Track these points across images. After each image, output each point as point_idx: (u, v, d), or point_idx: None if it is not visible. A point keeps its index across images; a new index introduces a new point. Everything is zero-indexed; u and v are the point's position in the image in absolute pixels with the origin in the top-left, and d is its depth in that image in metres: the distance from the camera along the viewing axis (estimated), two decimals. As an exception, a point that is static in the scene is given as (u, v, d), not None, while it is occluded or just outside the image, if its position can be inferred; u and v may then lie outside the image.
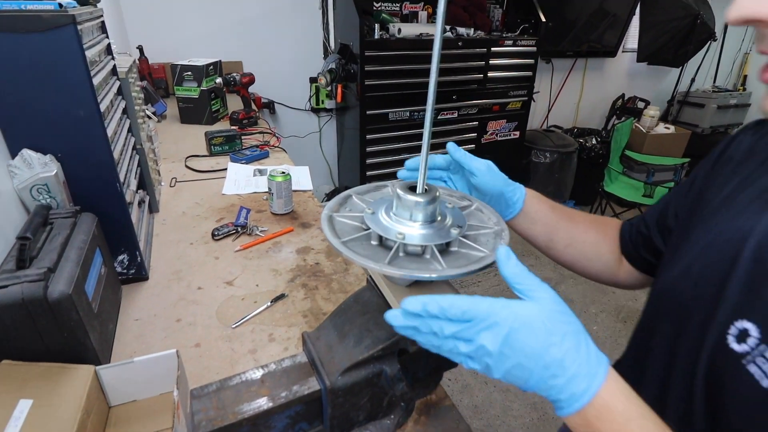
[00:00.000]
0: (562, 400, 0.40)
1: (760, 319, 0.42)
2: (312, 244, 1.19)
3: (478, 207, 0.57)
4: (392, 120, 2.68)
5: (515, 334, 0.39)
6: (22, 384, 0.54)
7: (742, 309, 0.44)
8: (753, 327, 0.42)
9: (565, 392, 0.39)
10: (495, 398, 2.10)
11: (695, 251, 0.52)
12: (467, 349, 0.40)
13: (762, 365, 0.40)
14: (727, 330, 0.44)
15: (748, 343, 0.42)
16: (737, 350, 0.42)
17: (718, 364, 0.45)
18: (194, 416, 0.49)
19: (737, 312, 0.44)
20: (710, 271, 0.48)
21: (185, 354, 0.81)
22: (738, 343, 0.43)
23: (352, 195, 0.58)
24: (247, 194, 1.45)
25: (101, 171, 0.84)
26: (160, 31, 2.53)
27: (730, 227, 0.49)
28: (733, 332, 0.43)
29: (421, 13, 2.89)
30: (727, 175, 0.55)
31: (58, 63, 0.72)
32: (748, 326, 0.42)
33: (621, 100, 4.13)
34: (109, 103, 0.92)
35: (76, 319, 0.62)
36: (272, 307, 0.95)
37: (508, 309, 0.39)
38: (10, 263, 0.62)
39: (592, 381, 0.39)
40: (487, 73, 2.84)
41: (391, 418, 0.58)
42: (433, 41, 0.42)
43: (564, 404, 0.40)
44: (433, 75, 0.43)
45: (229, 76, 2.08)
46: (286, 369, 0.56)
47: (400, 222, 0.48)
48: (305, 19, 2.88)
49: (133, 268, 0.97)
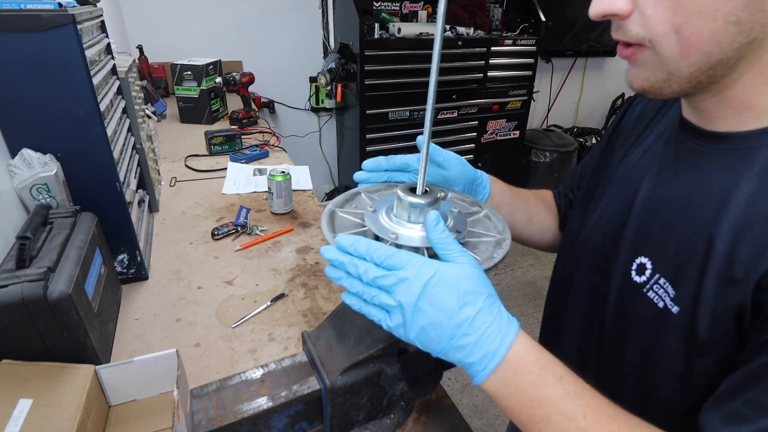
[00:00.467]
0: (476, 362, 0.41)
1: (651, 253, 0.52)
2: (312, 244, 1.19)
3: (487, 214, 0.57)
4: (392, 119, 2.68)
5: (432, 289, 0.41)
6: (22, 383, 0.54)
7: (638, 247, 0.54)
8: (647, 261, 0.52)
9: (477, 352, 0.41)
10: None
11: (601, 206, 0.63)
12: (387, 300, 0.42)
13: (657, 291, 0.50)
14: (631, 266, 0.54)
15: (645, 275, 0.52)
16: (638, 281, 0.52)
17: (625, 295, 0.55)
18: (194, 416, 0.49)
19: (636, 250, 0.54)
20: (613, 220, 0.59)
21: (185, 353, 0.81)
22: (638, 275, 0.53)
23: (361, 192, 0.58)
24: (247, 194, 1.45)
25: (101, 170, 0.83)
26: (159, 31, 2.53)
27: (625, 182, 0.59)
28: (634, 267, 0.53)
29: (421, 13, 2.89)
30: (623, 139, 0.66)
31: (57, 62, 0.72)
32: (644, 260, 0.52)
33: (621, 100, 4.13)
34: (109, 103, 0.92)
35: (76, 319, 0.62)
36: (272, 306, 0.95)
37: (427, 265, 0.41)
38: (9, 263, 0.62)
39: (504, 339, 0.41)
40: (487, 72, 2.84)
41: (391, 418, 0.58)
42: (433, 41, 0.42)
43: (479, 366, 0.41)
44: (433, 74, 0.43)
45: (228, 76, 2.08)
46: (286, 368, 0.56)
47: (400, 223, 0.48)
48: (305, 19, 2.87)
49: (133, 267, 0.97)
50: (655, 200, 0.53)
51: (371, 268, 0.42)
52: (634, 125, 0.65)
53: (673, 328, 0.48)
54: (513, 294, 2.73)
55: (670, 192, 0.52)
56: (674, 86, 0.45)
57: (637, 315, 0.53)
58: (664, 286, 0.49)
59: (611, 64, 4.18)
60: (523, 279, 2.88)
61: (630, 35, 0.44)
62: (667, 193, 0.52)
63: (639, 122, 0.64)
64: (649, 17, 0.42)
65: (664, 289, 0.49)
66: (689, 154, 0.51)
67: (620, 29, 0.45)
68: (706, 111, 0.49)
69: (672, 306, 0.48)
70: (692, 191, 0.49)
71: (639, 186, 0.56)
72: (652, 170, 0.56)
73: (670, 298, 0.48)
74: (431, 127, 0.46)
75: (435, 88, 0.44)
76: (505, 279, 2.85)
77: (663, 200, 0.52)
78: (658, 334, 0.50)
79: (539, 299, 2.71)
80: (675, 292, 0.48)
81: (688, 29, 0.40)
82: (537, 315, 2.58)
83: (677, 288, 0.48)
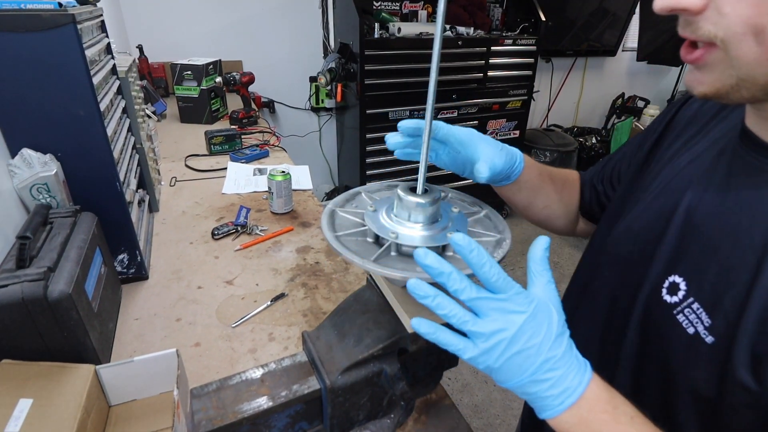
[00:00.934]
0: (553, 396, 0.40)
1: (687, 274, 0.47)
2: (312, 244, 1.19)
3: (487, 214, 0.57)
4: (392, 119, 2.68)
5: (532, 321, 0.40)
6: (22, 383, 0.54)
7: (673, 264, 0.49)
8: (681, 281, 0.48)
9: (558, 387, 0.40)
10: (495, 397, 2.10)
11: (637, 210, 0.58)
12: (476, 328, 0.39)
13: (689, 315, 0.46)
14: (662, 284, 0.50)
15: (678, 296, 0.47)
16: (669, 301, 0.48)
17: (653, 313, 0.51)
18: (194, 415, 0.49)
19: (670, 267, 0.50)
20: (648, 230, 0.54)
21: (185, 353, 0.81)
22: (669, 295, 0.48)
23: (362, 192, 0.58)
24: (247, 193, 1.45)
25: (101, 170, 0.83)
26: (159, 31, 2.53)
27: (666, 189, 0.54)
28: (665, 285, 0.49)
29: (421, 13, 2.89)
30: (671, 140, 0.60)
31: (57, 62, 0.72)
32: (678, 280, 0.48)
33: (621, 99, 4.13)
34: (109, 103, 0.91)
35: (76, 319, 0.62)
36: (272, 306, 0.95)
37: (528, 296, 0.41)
38: (10, 263, 0.62)
39: (582, 376, 0.41)
40: (487, 72, 2.84)
41: (391, 418, 0.58)
42: (433, 40, 0.42)
43: (555, 401, 0.40)
44: (433, 74, 0.43)
45: (228, 76, 2.08)
46: (286, 368, 0.56)
47: (400, 222, 0.48)
48: (305, 19, 2.87)
49: (133, 267, 0.97)
50: (698, 216, 0.48)
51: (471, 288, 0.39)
52: (686, 125, 0.59)
53: (706, 358, 0.44)
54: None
55: (716, 209, 0.47)
56: (744, 93, 0.40)
57: (664, 336, 0.49)
58: (697, 311, 0.45)
59: (611, 63, 4.18)
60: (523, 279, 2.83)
61: (700, 33, 0.40)
62: (713, 210, 0.47)
63: (692, 123, 0.58)
64: (725, 15, 0.37)
65: (697, 315, 0.45)
66: (745, 169, 0.46)
67: (689, 26, 0.41)
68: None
69: (706, 335, 0.44)
70: (742, 212, 0.44)
71: (681, 197, 0.51)
72: (698, 181, 0.50)
73: (704, 326, 0.44)
74: (431, 126, 0.46)
75: (435, 87, 0.44)
76: (505, 279, 2.85)
77: (707, 217, 0.47)
78: (686, 360, 0.46)
79: (539, 299, 2.70)
80: (710, 321, 0.44)
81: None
82: (537, 315, 2.57)
83: (713, 317, 0.44)
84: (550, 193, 0.72)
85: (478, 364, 0.41)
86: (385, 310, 0.54)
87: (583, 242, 3.34)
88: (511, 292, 0.40)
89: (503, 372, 0.41)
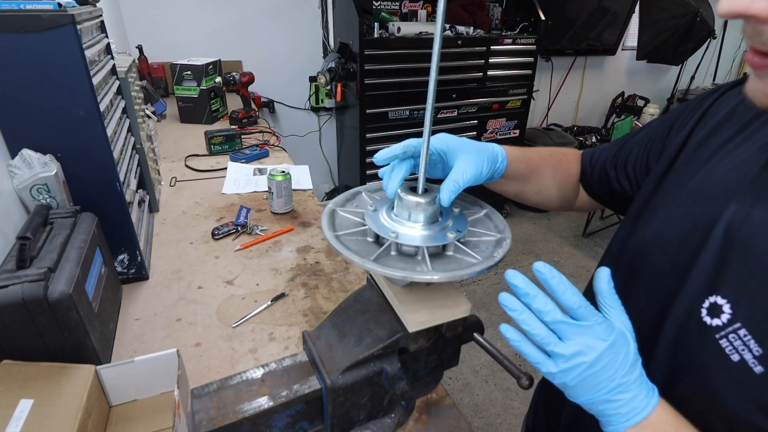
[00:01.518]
0: (622, 414, 0.43)
1: (733, 296, 0.44)
2: (312, 243, 1.19)
3: (487, 213, 0.57)
4: (392, 119, 2.68)
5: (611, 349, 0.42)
6: (23, 384, 0.54)
7: (714, 284, 0.45)
8: (725, 303, 0.44)
9: (627, 406, 0.43)
10: (495, 397, 2.10)
11: (670, 216, 0.53)
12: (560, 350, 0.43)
13: (734, 341, 0.43)
14: (701, 303, 0.46)
15: (721, 319, 0.44)
16: (710, 324, 0.45)
17: (689, 334, 0.47)
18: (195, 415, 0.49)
19: (710, 286, 0.46)
20: (682, 240, 0.50)
21: (185, 353, 0.81)
22: (710, 317, 0.45)
23: (362, 192, 0.58)
24: (247, 193, 1.45)
25: (101, 171, 0.83)
26: (159, 31, 2.53)
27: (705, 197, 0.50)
28: (705, 305, 0.46)
29: (421, 12, 2.88)
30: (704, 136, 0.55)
31: (57, 63, 0.72)
32: (721, 302, 0.44)
33: (621, 98, 4.13)
34: (109, 103, 0.91)
35: (77, 319, 0.62)
36: (272, 306, 0.95)
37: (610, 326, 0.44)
38: (10, 263, 0.62)
39: (650, 400, 0.43)
40: (487, 71, 2.84)
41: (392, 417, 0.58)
42: (433, 40, 0.42)
43: (623, 418, 0.43)
44: (433, 74, 0.43)
45: (228, 76, 2.08)
46: (286, 368, 0.55)
47: (400, 222, 0.48)
48: (305, 18, 2.87)
49: (133, 267, 0.97)
50: (745, 231, 0.44)
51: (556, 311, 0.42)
52: (722, 122, 0.54)
53: (754, 388, 0.41)
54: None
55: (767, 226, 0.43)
56: None
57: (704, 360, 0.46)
58: (744, 338, 0.42)
59: (611, 62, 4.18)
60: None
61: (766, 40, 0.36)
62: (765, 227, 0.43)
63: (730, 121, 0.53)
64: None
65: (744, 342, 0.42)
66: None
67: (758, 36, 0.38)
68: None
69: (755, 365, 0.41)
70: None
71: (724, 209, 0.46)
72: (745, 193, 0.46)
73: (753, 356, 0.41)
74: (431, 126, 0.46)
75: (435, 87, 0.44)
76: (506, 278, 2.85)
77: (758, 234, 0.43)
78: (728, 389, 0.44)
79: (539, 298, 2.70)
80: (761, 350, 0.41)
81: None
82: (537, 314, 2.57)
83: (765, 345, 0.41)
84: (541, 178, 0.71)
85: (554, 379, 0.44)
86: (386, 310, 0.54)
87: (582, 241, 3.34)
88: (593, 320, 0.43)
89: (577, 389, 0.44)
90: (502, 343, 2.43)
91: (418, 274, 0.42)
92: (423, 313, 0.49)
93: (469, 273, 0.44)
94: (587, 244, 3.31)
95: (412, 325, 0.48)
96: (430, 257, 0.46)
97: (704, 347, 0.45)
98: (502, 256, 0.47)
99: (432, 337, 0.53)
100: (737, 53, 4.82)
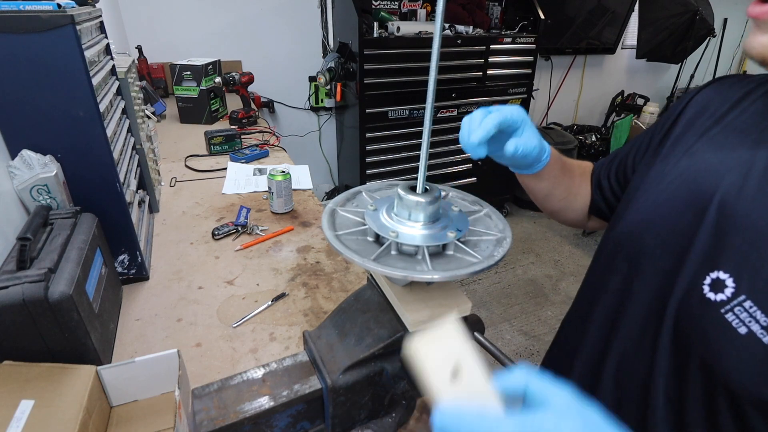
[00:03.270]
0: None
1: (734, 270, 0.44)
2: (312, 243, 1.19)
3: (488, 213, 0.57)
4: (392, 118, 2.68)
5: None
6: (24, 384, 0.54)
7: (713, 259, 0.46)
8: (728, 277, 0.45)
9: None
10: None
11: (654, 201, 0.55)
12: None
13: (740, 314, 0.43)
14: (702, 280, 0.47)
15: (725, 293, 0.44)
16: (714, 299, 0.45)
17: (693, 312, 0.47)
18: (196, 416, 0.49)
19: (709, 262, 0.47)
20: (672, 221, 0.52)
21: (186, 354, 0.81)
22: (714, 292, 0.45)
23: (362, 191, 0.58)
24: (247, 193, 1.45)
25: (101, 171, 0.83)
26: (159, 31, 2.53)
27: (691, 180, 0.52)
28: (707, 282, 0.46)
29: (420, 11, 2.88)
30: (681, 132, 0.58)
31: (57, 63, 0.72)
32: (723, 276, 0.45)
33: (620, 97, 4.13)
34: (109, 103, 0.91)
35: (77, 320, 0.62)
36: (273, 306, 0.95)
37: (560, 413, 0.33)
38: (10, 264, 0.62)
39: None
40: (487, 70, 2.84)
41: (393, 417, 0.58)
42: (432, 39, 0.42)
43: None
44: (433, 73, 0.43)
45: (228, 76, 2.08)
46: (287, 368, 0.56)
47: (401, 221, 0.48)
48: (304, 18, 2.87)
49: (134, 268, 0.97)
50: (740, 207, 0.46)
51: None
52: (696, 117, 0.58)
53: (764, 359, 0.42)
54: (514, 292, 2.73)
55: (763, 201, 0.45)
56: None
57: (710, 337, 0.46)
58: (750, 310, 0.43)
59: (610, 61, 4.18)
60: (523, 277, 2.88)
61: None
62: (759, 202, 0.45)
63: (703, 114, 0.57)
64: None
65: (750, 314, 0.42)
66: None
67: None
68: None
69: (763, 335, 0.41)
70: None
71: (715, 188, 0.48)
72: (734, 172, 0.48)
73: (761, 326, 0.42)
74: (431, 125, 0.46)
75: (434, 86, 0.44)
76: (506, 277, 2.85)
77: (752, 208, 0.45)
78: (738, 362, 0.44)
79: (540, 297, 2.71)
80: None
81: None
82: (538, 313, 2.58)
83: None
84: (570, 186, 0.72)
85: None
86: (386, 309, 0.54)
87: (582, 240, 3.34)
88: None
89: None
90: (503, 342, 2.44)
91: (419, 274, 0.42)
92: (423, 312, 0.49)
93: (470, 272, 0.44)
94: (588, 243, 3.31)
95: (412, 324, 0.48)
96: (431, 256, 0.46)
97: (710, 323, 0.45)
98: (503, 255, 0.47)
99: (432, 337, 0.53)
100: (737, 51, 4.82)
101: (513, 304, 2.65)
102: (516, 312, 2.59)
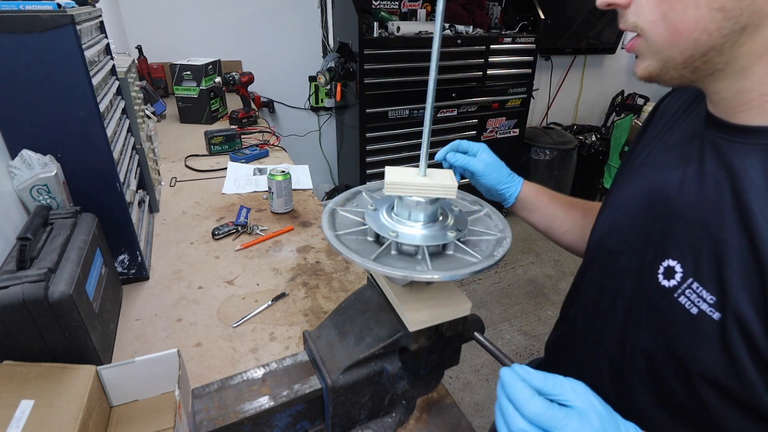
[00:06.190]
0: None
1: (681, 256, 0.49)
2: (312, 243, 1.19)
3: (488, 212, 0.57)
4: (392, 118, 2.68)
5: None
6: (24, 384, 0.54)
7: (665, 249, 0.51)
8: (676, 264, 0.49)
9: None
10: (496, 396, 2.10)
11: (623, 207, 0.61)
12: None
13: (690, 296, 0.47)
14: (657, 270, 0.52)
15: (675, 279, 0.49)
16: (666, 285, 0.50)
17: (653, 301, 0.52)
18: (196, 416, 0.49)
19: (661, 252, 0.52)
20: (628, 220, 0.58)
21: (186, 353, 0.81)
22: (667, 279, 0.50)
23: (362, 191, 0.58)
24: (247, 193, 1.45)
25: (101, 171, 0.83)
26: (159, 31, 2.52)
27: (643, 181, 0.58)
28: (661, 271, 0.51)
29: (420, 11, 2.88)
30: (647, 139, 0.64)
31: (57, 63, 0.72)
32: (672, 263, 0.50)
33: (620, 97, 4.13)
34: (109, 103, 0.91)
35: (77, 320, 0.62)
36: (273, 306, 0.95)
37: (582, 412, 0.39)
38: (10, 264, 0.62)
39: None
40: (487, 70, 2.83)
41: (393, 417, 0.58)
42: (432, 39, 0.42)
43: None
44: (433, 73, 0.43)
45: (228, 76, 2.08)
46: (287, 368, 0.56)
47: (400, 221, 0.48)
48: (304, 18, 2.87)
49: (134, 267, 0.97)
50: (681, 200, 0.51)
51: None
52: (656, 122, 0.64)
53: (713, 335, 0.45)
54: (514, 292, 2.73)
55: (696, 190, 0.49)
56: (672, 73, 0.46)
57: (669, 322, 0.50)
58: (697, 291, 0.47)
59: (610, 61, 4.17)
60: (523, 277, 2.88)
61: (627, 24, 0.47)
62: (694, 192, 0.49)
63: (661, 119, 0.63)
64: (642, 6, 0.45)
65: (698, 294, 0.46)
66: (714, 148, 0.49)
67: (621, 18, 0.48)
68: (726, 103, 0.47)
69: (712, 312, 0.45)
70: (721, 188, 0.46)
71: (663, 185, 0.54)
72: (673, 168, 0.53)
73: (708, 305, 0.45)
74: (431, 125, 0.46)
75: (434, 86, 0.44)
76: (506, 277, 2.86)
77: (690, 199, 0.50)
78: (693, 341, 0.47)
79: (540, 297, 2.71)
80: (714, 298, 0.45)
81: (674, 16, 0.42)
82: (538, 313, 2.58)
83: (716, 293, 0.45)
84: (569, 219, 0.79)
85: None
86: (386, 309, 0.54)
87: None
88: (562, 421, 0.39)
89: None
90: (503, 342, 2.43)
91: (419, 274, 0.42)
92: (423, 312, 0.49)
93: (470, 272, 0.44)
94: (587, 243, 3.31)
95: (412, 324, 0.48)
96: (431, 256, 0.46)
97: (667, 308, 0.50)
98: (503, 255, 0.47)
99: (432, 337, 0.53)
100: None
101: (513, 304, 2.65)
102: (516, 312, 2.59)
